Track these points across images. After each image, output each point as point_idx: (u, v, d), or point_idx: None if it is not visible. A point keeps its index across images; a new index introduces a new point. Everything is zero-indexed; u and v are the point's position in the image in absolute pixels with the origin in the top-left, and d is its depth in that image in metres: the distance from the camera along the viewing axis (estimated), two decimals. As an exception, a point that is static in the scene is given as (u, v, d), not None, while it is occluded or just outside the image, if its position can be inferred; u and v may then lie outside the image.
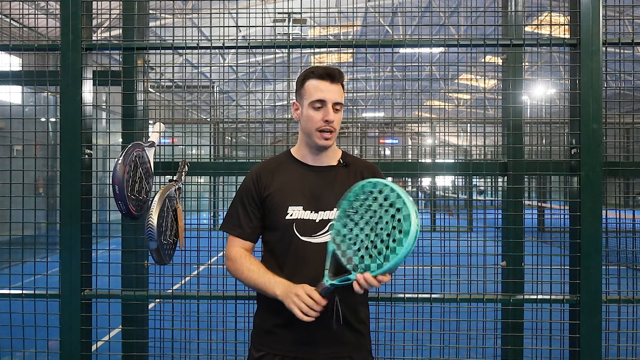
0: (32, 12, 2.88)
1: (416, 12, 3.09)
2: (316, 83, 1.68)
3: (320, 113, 1.68)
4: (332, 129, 1.68)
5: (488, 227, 3.05)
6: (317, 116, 1.68)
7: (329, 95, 1.67)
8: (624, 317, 2.57)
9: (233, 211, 1.78)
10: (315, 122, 1.68)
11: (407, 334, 2.57)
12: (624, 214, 3.09)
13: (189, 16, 6.40)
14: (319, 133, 1.68)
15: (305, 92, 1.71)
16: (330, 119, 1.66)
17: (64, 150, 2.33)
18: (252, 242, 1.77)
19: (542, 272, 2.48)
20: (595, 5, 2.24)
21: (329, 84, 1.68)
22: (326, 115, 1.67)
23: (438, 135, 11.80)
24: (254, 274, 1.66)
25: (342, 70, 1.74)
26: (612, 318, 2.57)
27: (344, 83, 1.74)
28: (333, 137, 1.70)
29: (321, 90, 1.67)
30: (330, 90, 1.67)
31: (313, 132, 1.69)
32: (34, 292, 2.40)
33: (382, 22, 17.76)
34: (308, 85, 1.70)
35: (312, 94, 1.68)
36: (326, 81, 1.68)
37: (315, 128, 1.68)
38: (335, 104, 1.68)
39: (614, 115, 4.90)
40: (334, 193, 1.70)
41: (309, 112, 1.69)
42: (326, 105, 1.67)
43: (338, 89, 1.69)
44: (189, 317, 2.51)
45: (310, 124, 1.69)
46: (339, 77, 1.69)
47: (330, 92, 1.67)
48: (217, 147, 9.89)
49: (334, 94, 1.68)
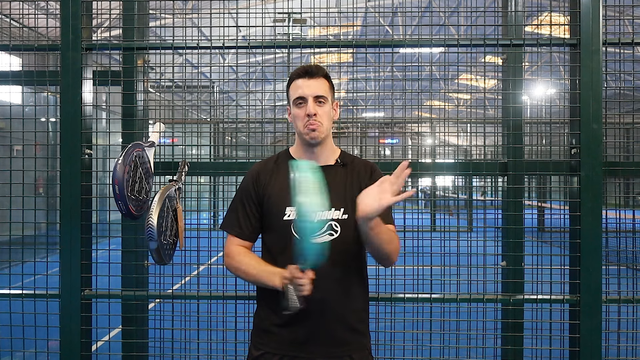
0: (32, 12, 2.88)
1: (416, 12, 3.09)
2: (296, 82, 1.74)
3: (302, 109, 1.71)
4: (317, 122, 1.70)
5: (488, 227, 3.05)
6: (300, 113, 1.71)
7: (307, 90, 1.70)
8: (624, 317, 2.57)
9: (232, 211, 1.79)
10: (300, 119, 1.71)
11: (407, 334, 2.57)
12: (624, 214, 3.09)
13: (189, 16, 6.40)
14: (305, 129, 1.71)
15: (290, 94, 1.76)
16: (311, 112, 1.69)
17: (64, 150, 2.33)
18: (250, 242, 1.78)
19: (542, 272, 2.48)
20: (595, 5, 2.24)
21: (307, 80, 1.71)
22: (307, 110, 1.69)
23: (438, 135, 11.80)
24: (253, 268, 1.68)
25: (320, 65, 1.77)
26: (612, 318, 2.56)
27: (327, 77, 1.76)
28: (320, 129, 1.71)
29: (299, 87, 1.72)
30: (308, 85, 1.71)
31: (302, 129, 1.72)
32: (34, 292, 2.40)
33: (382, 22, 17.76)
34: (291, 87, 1.76)
35: (293, 94, 1.73)
36: (304, 78, 1.72)
37: (301, 125, 1.71)
38: (316, 97, 1.70)
39: (614, 115, 4.90)
40: (331, 193, 1.70)
41: (294, 110, 1.74)
42: (306, 101, 1.70)
43: (318, 82, 1.72)
44: (189, 317, 2.51)
45: (297, 122, 1.73)
46: (316, 71, 1.72)
47: (308, 88, 1.70)
48: (217, 147, 9.90)
49: (313, 88, 1.71)
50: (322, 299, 1.64)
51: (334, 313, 1.66)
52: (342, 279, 1.67)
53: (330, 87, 1.77)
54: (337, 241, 1.66)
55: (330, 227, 1.67)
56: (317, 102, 1.71)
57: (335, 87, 1.86)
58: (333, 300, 1.66)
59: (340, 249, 1.65)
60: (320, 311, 1.64)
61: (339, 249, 1.64)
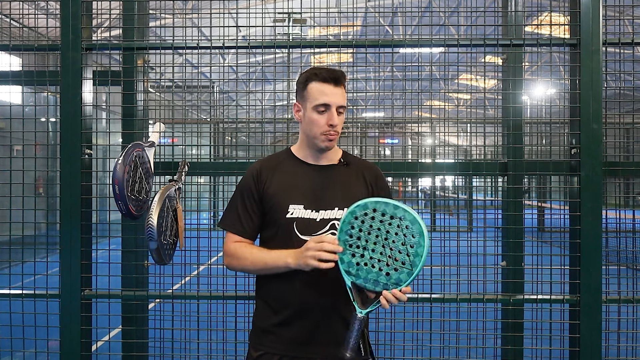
0: (32, 12, 2.88)
1: (416, 12, 3.09)
2: (320, 86, 1.66)
3: (324, 117, 1.66)
4: (336, 132, 1.68)
5: (488, 227, 3.05)
6: (321, 120, 1.66)
7: (333, 99, 1.65)
8: (624, 317, 2.57)
9: (232, 209, 1.76)
10: (320, 127, 1.66)
11: (407, 334, 2.57)
12: (624, 214, 3.09)
13: (189, 16, 6.40)
14: (323, 136, 1.67)
15: (309, 94, 1.68)
16: (335, 123, 1.65)
17: (64, 150, 2.33)
18: (251, 240, 1.76)
19: (542, 272, 2.48)
20: (595, 5, 2.24)
21: (333, 87, 1.66)
22: (330, 119, 1.65)
23: (438, 135, 11.80)
24: (261, 254, 1.66)
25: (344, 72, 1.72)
26: (612, 318, 2.56)
27: (346, 84, 1.73)
28: (336, 139, 1.70)
29: (325, 94, 1.65)
30: (335, 93, 1.66)
31: (317, 136, 1.68)
32: (34, 292, 2.39)
33: (382, 22, 17.76)
34: (311, 88, 1.68)
35: (316, 98, 1.66)
36: (330, 84, 1.66)
37: (319, 132, 1.67)
38: (339, 107, 1.67)
39: (614, 115, 4.90)
40: (335, 192, 1.70)
41: (313, 115, 1.67)
42: (330, 110, 1.65)
43: (341, 92, 1.68)
44: (189, 317, 2.51)
45: (314, 128, 1.68)
46: (342, 79, 1.68)
47: (334, 96, 1.65)
48: (217, 147, 9.89)
49: (338, 97, 1.66)
50: (321, 299, 1.64)
51: (334, 313, 1.66)
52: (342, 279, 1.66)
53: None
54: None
55: (332, 226, 1.67)
56: (337, 111, 1.67)
57: None
58: (333, 300, 1.65)
59: (341, 248, 1.65)
60: (319, 311, 1.64)
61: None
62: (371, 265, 1.48)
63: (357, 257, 1.50)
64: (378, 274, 1.47)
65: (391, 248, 1.46)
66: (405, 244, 1.45)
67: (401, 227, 1.46)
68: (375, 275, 1.47)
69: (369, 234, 1.48)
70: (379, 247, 1.47)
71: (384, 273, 1.47)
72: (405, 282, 1.46)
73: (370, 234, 1.48)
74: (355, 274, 1.49)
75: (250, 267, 1.69)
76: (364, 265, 1.49)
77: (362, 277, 1.49)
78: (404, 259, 1.45)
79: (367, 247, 1.49)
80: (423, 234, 1.43)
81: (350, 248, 1.50)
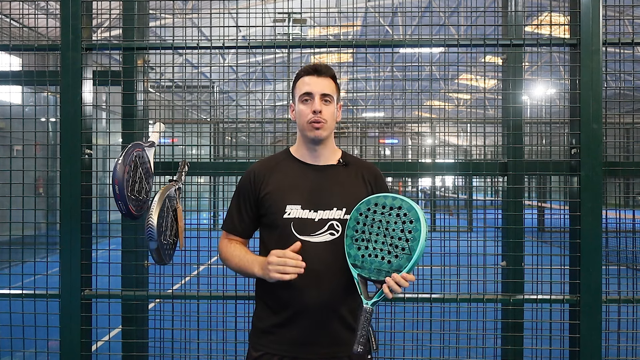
0: (32, 12, 2.88)
1: (416, 12, 3.09)
2: (303, 79, 1.74)
3: (308, 106, 1.71)
4: (322, 119, 1.70)
5: (488, 227, 3.05)
6: (305, 109, 1.71)
7: (315, 87, 1.71)
8: (624, 317, 2.57)
9: (230, 208, 1.83)
10: (305, 115, 1.71)
11: (407, 334, 2.57)
12: (624, 214, 3.09)
13: (189, 16, 6.40)
14: (309, 125, 1.71)
15: (296, 90, 1.77)
16: (317, 109, 1.69)
17: (64, 150, 2.33)
18: (243, 238, 1.82)
19: (542, 272, 2.48)
20: (595, 5, 2.24)
21: (316, 78, 1.72)
22: (313, 106, 1.69)
23: (438, 135, 11.79)
24: (237, 258, 1.73)
25: (330, 66, 1.78)
26: (612, 318, 2.57)
27: (335, 78, 1.77)
28: (325, 127, 1.71)
29: (307, 83, 1.72)
30: (317, 82, 1.71)
31: (305, 126, 1.72)
32: (34, 292, 2.40)
33: (382, 22, 17.76)
34: (298, 84, 1.76)
35: (300, 89, 1.73)
36: (312, 75, 1.73)
37: (305, 121, 1.71)
38: (323, 96, 1.71)
39: (614, 115, 4.90)
40: (333, 192, 1.71)
41: (299, 107, 1.74)
42: (313, 98, 1.70)
43: (325, 82, 1.73)
44: (189, 317, 2.51)
45: (301, 118, 1.73)
46: (325, 70, 1.73)
47: (316, 85, 1.71)
48: (217, 147, 9.89)
49: (320, 86, 1.71)
50: (321, 299, 1.64)
51: (333, 313, 1.66)
52: (342, 279, 1.66)
53: (337, 88, 1.78)
54: (338, 241, 1.66)
55: (331, 226, 1.67)
56: (323, 100, 1.71)
57: None
58: (333, 300, 1.66)
59: (341, 248, 1.65)
60: (319, 311, 1.64)
61: (339, 248, 1.64)
62: (374, 256, 1.55)
63: (362, 249, 1.57)
64: (380, 263, 1.54)
65: (391, 237, 1.54)
66: (404, 230, 1.52)
67: (400, 216, 1.54)
68: (378, 264, 1.54)
69: (372, 227, 1.57)
70: (381, 237, 1.56)
71: (385, 261, 1.54)
72: (405, 267, 1.51)
73: (373, 227, 1.57)
74: (361, 266, 1.57)
75: (232, 268, 1.77)
76: (368, 257, 1.56)
77: (367, 267, 1.56)
78: (403, 245, 1.52)
79: (371, 239, 1.57)
80: (419, 219, 1.51)
81: (356, 242, 1.58)
